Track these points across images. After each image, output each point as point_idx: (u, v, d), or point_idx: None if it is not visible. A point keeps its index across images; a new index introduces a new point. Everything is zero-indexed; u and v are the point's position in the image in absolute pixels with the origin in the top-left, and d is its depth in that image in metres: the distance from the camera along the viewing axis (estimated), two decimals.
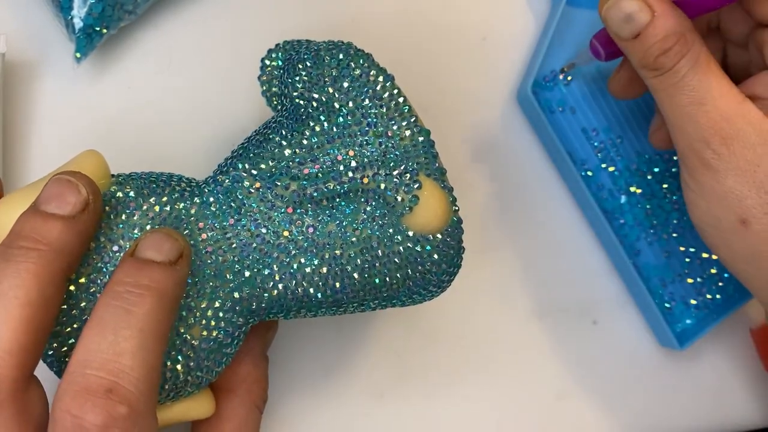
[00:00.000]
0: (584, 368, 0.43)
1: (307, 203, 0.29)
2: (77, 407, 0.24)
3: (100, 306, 0.25)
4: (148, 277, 0.26)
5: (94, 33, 0.36)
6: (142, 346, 0.25)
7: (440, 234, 0.30)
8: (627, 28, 0.32)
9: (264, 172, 0.30)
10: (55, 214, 0.26)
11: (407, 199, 0.29)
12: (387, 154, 0.30)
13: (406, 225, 0.29)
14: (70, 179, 0.27)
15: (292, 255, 0.29)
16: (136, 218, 0.29)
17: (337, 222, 0.30)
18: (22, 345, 0.24)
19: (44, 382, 0.26)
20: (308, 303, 0.30)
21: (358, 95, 0.30)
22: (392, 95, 0.30)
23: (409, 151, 0.30)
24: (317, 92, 0.30)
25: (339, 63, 0.30)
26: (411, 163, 0.30)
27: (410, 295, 0.31)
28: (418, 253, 0.30)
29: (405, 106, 0.30)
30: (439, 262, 0.30)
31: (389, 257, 0.30)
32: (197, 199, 0.30)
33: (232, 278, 0.29)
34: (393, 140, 0.30)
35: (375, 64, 0.31)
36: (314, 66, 0.30)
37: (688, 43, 0.32)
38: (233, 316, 0.29)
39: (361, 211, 0.30)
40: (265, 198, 0.29)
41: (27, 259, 0.25)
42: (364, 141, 0.30)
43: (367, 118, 0.30)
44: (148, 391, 0.25)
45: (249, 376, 0.33)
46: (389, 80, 0.30)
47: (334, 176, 0.29)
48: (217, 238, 0.29)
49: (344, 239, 0.29)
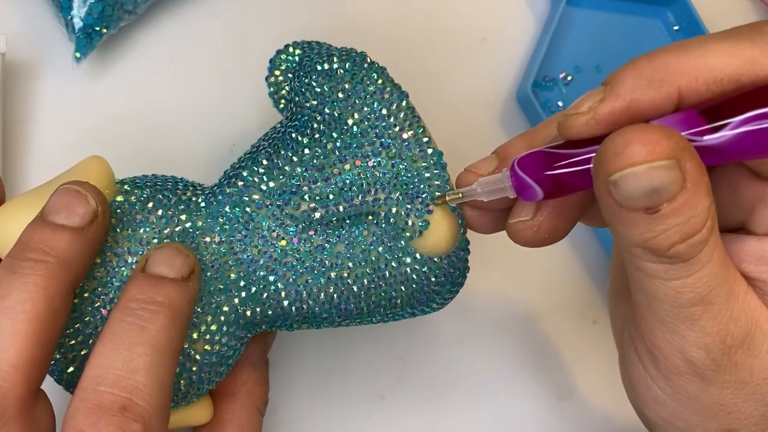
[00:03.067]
0: (584, 368, 0.43)
1: (316, 223, 0.29)
2: (91, 425, 0.23)
3: (113, 322, 0.25)
4: (162, 294, 0.26)
5: (93, 33, 0.36)
6: (156, 362, 0.25)
7: (448, 256, 0.30)
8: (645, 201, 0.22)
9: (274, 190, 0.29)
10: (63, 226, 0.26)
11: (418, 223, 0.29)
12: (399, 177, 0.29)
13: (414, 247, 0.29)
14: (79, 190, 0.26)
15: (299, 273, 0.29)
16: (142, 232, 0.29)
17: (345, 243, 0.29)
18: (29, 360, 0.24)
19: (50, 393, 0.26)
20: (312, 318, 0.30)
21: (372, 114, 0.29)
22: (406, 115, 0.29)
23: (421, 175, 0.29)
24: (330, 107, 0.29)
25: (353, 77, 0.30)
26: (423, 187, 0.29)
27: (412, 311, 0.31)
28: (424, 274, 0.29)
29: (420, 128, 0.29)
30: (444, 282, 0.30)
31: (396, 278, 0.29)
32: (204, 211, 0.29)
33: (237, 294, 0.29)
34: (406, 162, 0.29)
35: (390, 80, 0.30)
36: (327, 78, 0.30)
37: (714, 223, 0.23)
38: (237, 329, 0.29)
39: (371, 233, 0.29)
40: (275, 215, 0.29)
41: (35, 272, 0.25)
42: (376, 162, 0.29)
43: (380, 139, 0.29)
44: (161, 408, 0.25)
45: (249, 380, 0.33)
46: (404, 98, 0.30)
47: (345, 198, 0.29)
48: (223, 252, 0.29)
49: (352, 260, 0.29)
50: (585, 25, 0.43)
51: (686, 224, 0.22)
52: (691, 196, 0.22)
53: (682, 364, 0.26)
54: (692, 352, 0.25)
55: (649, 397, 0.27)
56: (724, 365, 0.25)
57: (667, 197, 0.22)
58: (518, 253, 0.43)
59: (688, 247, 0.23)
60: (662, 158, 0.21)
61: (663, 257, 0.23)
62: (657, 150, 0.21)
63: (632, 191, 0.22)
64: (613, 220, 0.23)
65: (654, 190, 0.21)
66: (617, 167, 0.21)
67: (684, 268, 0.23)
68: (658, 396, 0.27)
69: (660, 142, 0.21)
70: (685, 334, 0.25)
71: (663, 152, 0.21)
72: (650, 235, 0.23)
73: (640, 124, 0.22)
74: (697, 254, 0.23)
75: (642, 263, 0.24)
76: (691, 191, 0.22)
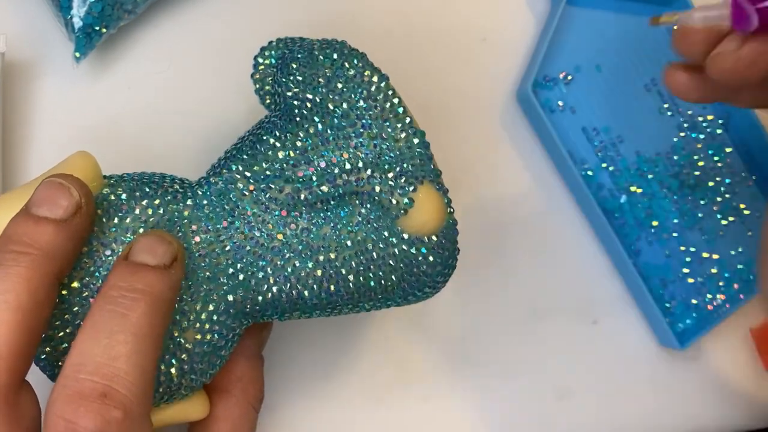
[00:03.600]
0: (584, 368, 0.43)
1: (301, 206, 0.29)
2: (71, 412, 0.23)
3: (94, 310, 0.25)
4: (143, 281, 0.26)
5: (93, 32, 0.36)
6: (137, 350, 0.25)
7: (435, 236, 0.30)
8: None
9: (257, 174, 0.29)
10: (46, 218, 0.26)
11: (402, 201, 0.29)
12: (381, 157, 0.29)
13: (401, 227, 0.29)
14: (62, 182, 0.27)
15: (286, 258, 0.29)
16: (129, 221, 0.29)
17: (331, 225, 0.29)
18: (13, 350, 0.24)
19: (36, 386, 0.26)
20: (302, 305, 0.30)
21: (353, 96, 0.30)
22: (387, 96, 0.30)
23: (404, 154, 0.30)
24: (311, 93, 0.30)
25: (333, 63, 0.30)
26: (406, 166, 0.29)
27: (405, 296, 0.31)
28: (413, 255, 0.29)
29: (400, 108, 0.30)
30: (434, 264, 0.30)
31: (384, 260, 0.29)
32: (190, 201, 0.30)
33: (226, 281, 0.29)
34: (388, 142, 0.30)
35: (369, 64, 0.30)
36: (308, 65, 0.30)
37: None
38: (227, 318, 0.29)
39: (356, 213, 0.29)
40: (259, 200, 0.29)
41: (18, 264, 0.25)
42: (358, 143, 0.29)
43: (361, 120, 0.30)
44: (143, 395, 0.25)
45: (244, 376, 0.32)
46: (384, 81, 0.30)
47: (328, 179, 0.29)
48: (210, 240, 0.29)
49: (339, 242, 0.29)
50: (585, 25, 0.43)
51: None
52: None
53: None
54: None
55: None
56: None
57: None
58: (518, 253, 0.43)
59: None
60: None
61: None
62: None
63: None
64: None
65: None
66: None
67: None
68: None
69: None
70: None
71: None
72: None
73: None
74: None
75: None
76: None
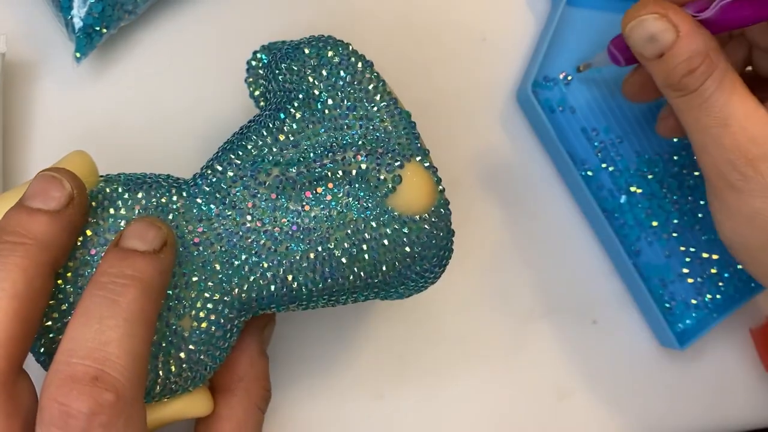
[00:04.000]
0: (584, 368, 0.43)
1: (290, 188, 0.29)
2: (63, 395, 0.24)
3: (85, 297, 0.26)
4: (132, 267, 0.26)
5: (94, 33, 0.36)
6: (128, 334, 0.25)
7: (427, 214, 0.30)
8: (650, 48, 0.32)
9: (246, 161, 0.30)
10: (40, 209, 0.27)
11: (390, 178, 0.29)
12: (368, 136, 0.30)
13: (391, 206, 0.29)
14: (54, 175, 0.27)
15: (279, 242, 0.29)
16: (123, 212, 0.29)
17: (321, 206, 0.30)
18: (10, 337, 0.25)
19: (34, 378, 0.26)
20: (299, 292, 0.30)
21: (337, 80, 0.30)
22: (371, 79, 0.31)
23: (389, 133, 0.30)
24: (298, 82, 0.30)
25: (318, 52, 0.31)
26: (393, 144, 0.30)
27: (402, 281, 0.31)
28: (405, 234, 0.30)
29: (384, 89, 0.31)
30: (428, 244, 0.30)
31: (377, 240, 0.30)
32: (184, 193, 0.30)
33: (221, 268, 0.29)
34: (373, 122, 0.30)
35: (353, 51, 0.31)
36: (295, 59, 0.31)
37: (713, 63, 0.31)
38: (224, 308, 0.29)
39: (346, 194, 0.30)
40: (248, 186, 0.30)
41: (13, 253, 0.25)
42: (344, 124, 0.30)
43: (346, 101, 0.30)
44: (135, 379, 0.25)
45: (247, 375, 0.33)
46: (368, 65, 0.31)
47: (315, 159, 0.29)
48: (203, 229, 0.30)
49: (329, 223, 0.29)
50: (585, 25, 0.43)
51: (687, 62, 0.31)
52: (685, 41, 0.31)
53: (718, 180, 0.33)
54: (722, 167, 0.32)
55: (718, 222, 0.34)
56: (750, 176, 0.32)
57: (666, 44, 0.31)
58: (518, 252, 0.43)
59: (692, 79, 0.31)
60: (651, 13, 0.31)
61: (677, 90, 0.32)
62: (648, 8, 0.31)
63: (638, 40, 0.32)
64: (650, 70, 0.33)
65: (651, 36, 0.31)
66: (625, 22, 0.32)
67: (696, 97, 0.32)
68: (719, 219, 0.34)
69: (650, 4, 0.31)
70: (713, 153, 0.32)
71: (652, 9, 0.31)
72: (665, 75, 0.32)
73: None
74: (702, 84, 0.31)
75: (673, 101, 0.33)
76: (685, 38, 0.31)
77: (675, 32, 0.31)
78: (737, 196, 0.32)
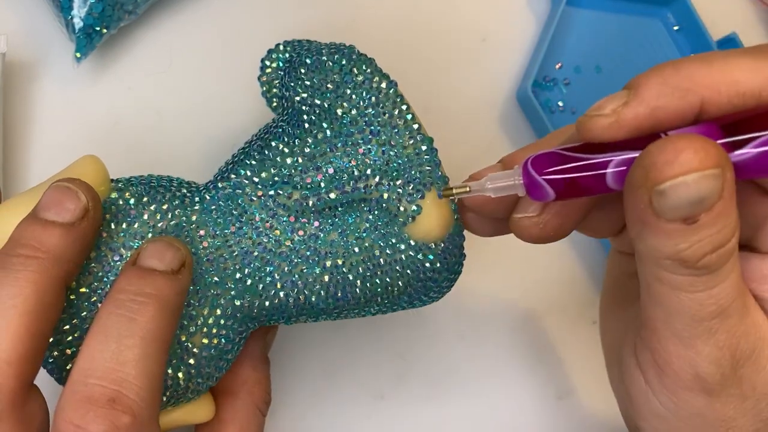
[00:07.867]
0: (584, 368, 0.43)
1: (309, 212, 0.29)
2: (80, 417, 0.23)
3: (102, 314, 0.25)
4: (151, 286, 0.26)
5: (94, 33, 0.36)
6: (145, 354, 0.25)
7: (442, 242, 0.30)
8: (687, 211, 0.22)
9: (266, 181, 0.29)
10: (54, 222, 0.26)
11: (410, 209, 0.29)
12: (390, 163, 0.29)
13: (408, 234, 0.29)
14: (69, 186, 0.27)
15: (294, 263, 0.29)
16: (137, 226, 0.29)
17: (339, 231, 0.29)
18: (21, 354, 0.24)
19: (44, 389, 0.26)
20: (309, 310, 0.30)
21: (361, 102, 0.30)
22: (395, 103, 0.30)
23: (412, 160, 0.29)
24: (319, 98, 0.30)
25: (342, 68, 0.30)
26: (414, 173, 0.29)
27: (410, 301, 0.31)
28: (419, 261, 0.29)
29: (408, 114, 0.30)
30: (440, 270, 0.30)
31: (391, 266, 0.29)
32: (198, 206, 0.30)
33: (233, 286, 0.29)
34: (396, 149, 0.29)
35: (378, 70, 0.30)
36: (316, 70, 0.30)
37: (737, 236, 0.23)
38: (234, 323, 0.29)
39: (364, 220, 0.29)
40: (267, 206, 0.29)
41: (26, 268, 0.25)
42: (367, 150, 0.29)
43: (369, 126, 0.30)
44: (151, 400, 0.25)
45: (249, 379, 0.33)
46: (392, 87, 0.30)
47: (336, 186, 0.29)
48: (218, 245, 0.29)
49: (346, 248, 0.29)
50: (585, 25, 0.43)
51: (718, 234, 0.22)
52: (726, 206, 0.22)
53: (690, 380, 0.25)
54: (704, 368, 0.25)
55: (648, 411, 0.27)
56: (730, 380, 0.25)
57: (707, 207, 0.21)
58: (518, 252, 0.43)
59: (718, 257, 0.22)
60: (712, 166, 0.21)
61: (692, 269, 0.23)
62: (708, 158, 0.21)
63: (679, 201, 0.21)
64: (644, 231, 0.23)
65: (700, 200, 0.21)
66: (668, 176, 0.21)
67: (710, 280, 0.23)
68: (659, 411, 0.26)
69: (709, 150, 0.21)
70: (699, 349, 0.24)
71: (712, 160, 0.21)
72: (684, 245, 0.22)
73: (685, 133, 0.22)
74: (724, 264, 0.23)
75: (667, 276, 0.23)
76: (727, 201, 0.22)
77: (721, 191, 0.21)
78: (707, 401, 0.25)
